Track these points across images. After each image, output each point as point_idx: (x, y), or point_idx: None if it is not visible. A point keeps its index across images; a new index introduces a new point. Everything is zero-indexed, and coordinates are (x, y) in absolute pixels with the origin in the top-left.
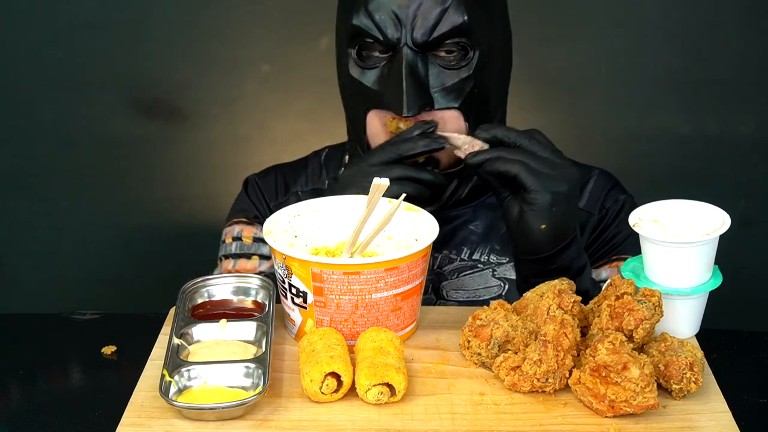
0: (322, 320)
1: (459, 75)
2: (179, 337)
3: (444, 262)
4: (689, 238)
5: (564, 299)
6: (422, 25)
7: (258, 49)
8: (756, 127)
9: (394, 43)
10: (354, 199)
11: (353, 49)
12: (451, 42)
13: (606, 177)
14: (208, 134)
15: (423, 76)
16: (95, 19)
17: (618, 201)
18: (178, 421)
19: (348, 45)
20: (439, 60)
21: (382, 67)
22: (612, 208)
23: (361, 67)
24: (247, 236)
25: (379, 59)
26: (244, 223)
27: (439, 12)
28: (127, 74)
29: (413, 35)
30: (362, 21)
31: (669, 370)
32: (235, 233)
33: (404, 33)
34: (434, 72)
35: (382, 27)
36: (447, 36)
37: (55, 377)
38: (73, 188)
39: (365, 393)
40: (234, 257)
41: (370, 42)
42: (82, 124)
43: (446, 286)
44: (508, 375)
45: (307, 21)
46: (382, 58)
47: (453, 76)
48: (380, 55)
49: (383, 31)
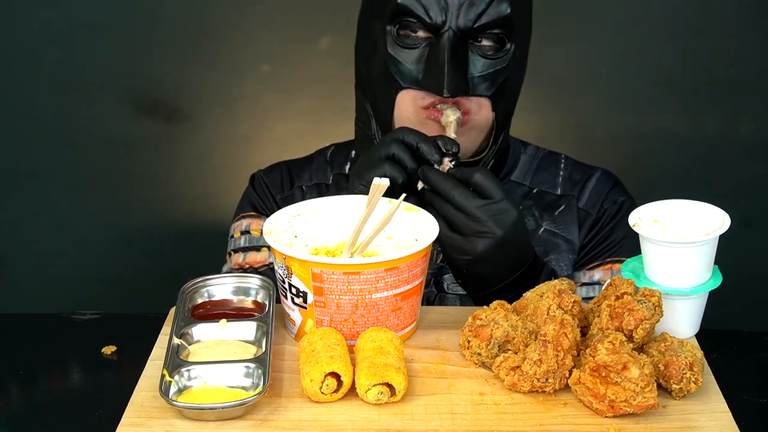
0: (322, 320)
1: (495, 65)
2: (179, 337)
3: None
4: (689, 238)
5: (564, 299)
6: (468, 11)
7: (258, 49)
8: (756, 127)
9: (439, 26)
10: (354, 199)
11: (393, 27)
12: (491, 32)
13: (607, 177)
14: (209, 134)
15: (463, 62)
16: (95, 19)
17: (616, 203)
18: (178, 421)
19: (388, 22)
20: (478, 48)
21: (423, 48)
22: (609, 210)
23: (401, 45)
24: (255, 229)
25: (420, 40)
26: (252, 216)
27: (487, 1)
28: (127, 74)
29: (458, 21)
30: (409, 1)
31: (669, 370)
32: (243, 227)
33: (450, 17)
34: (473, 59)
35: (429, 9)
36: (490, 26)
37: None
38: (73, 188)
39: (365, 393)
40: (243, 251)
41: (413, 22)
42: (82, 124)
43: (447, 279)
44: (508, 375)
45: (307, 21)
46: (423, 39)
47: (490, 65)
48: (421, 35)
49: (429, 13)
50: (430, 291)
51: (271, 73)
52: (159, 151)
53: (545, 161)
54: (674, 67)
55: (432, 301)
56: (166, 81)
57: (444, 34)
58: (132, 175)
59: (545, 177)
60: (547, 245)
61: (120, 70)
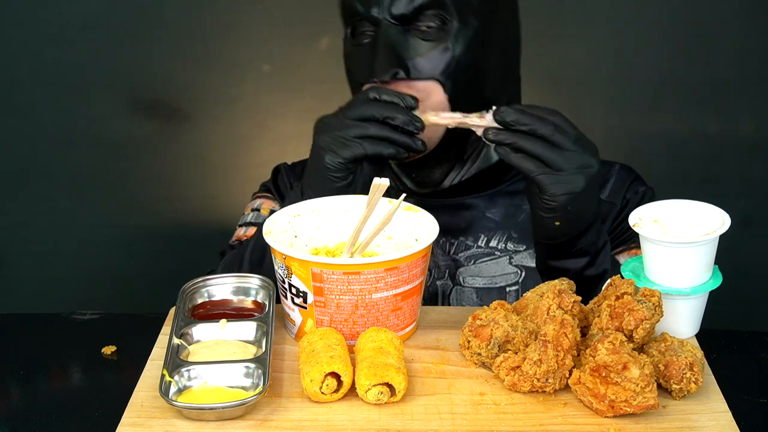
0: (322, 320)
1: (436, 46)
2: (179, 337)
3: (460, 248)
4: (689, 238)
5: (564, 299)
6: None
7: (258, 49)
8: (756, 127)
9: (375, 17)
10: (354, 199)
11: (348, 29)
12: (429, 13)
13: (627, 171)
14: (209, 134)
15: (401, 47)
16: (95, 19)
17: (638, 192)
18: (178, 421)
19: (345, 26)
20: (417, 33)
21: (369, 41)
22: (632, 199)
23: (353, 44)
24: (265, 209)
25: (367, 35)
26: (266, 197)
27: None
28: (127, 74)
29: (391, 9)
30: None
31: (669, 370)
32: (256, 205)
33: (383, 7)
34: (413, 43)
35: (364, 3)
36: (423, 8)
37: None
38: (73, 188)
39: (365, 393)
40: (247, 225)
41: (358, 19)
42: (82, 124)
43: (463, 272)
44: (508, 375)
45: (307, 21)
46: (369, 34)
47: (430, 47)
48: (368, 31)
49: (364, 6)
50: (445, 284)
51: (271, 73)
52: (159, 151)
53: None
54: (674, 67)
55: (448, 294)
56: (166, 81)
57: (382, 24)
58: (132, 175)
59: None
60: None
61: (120, 70)
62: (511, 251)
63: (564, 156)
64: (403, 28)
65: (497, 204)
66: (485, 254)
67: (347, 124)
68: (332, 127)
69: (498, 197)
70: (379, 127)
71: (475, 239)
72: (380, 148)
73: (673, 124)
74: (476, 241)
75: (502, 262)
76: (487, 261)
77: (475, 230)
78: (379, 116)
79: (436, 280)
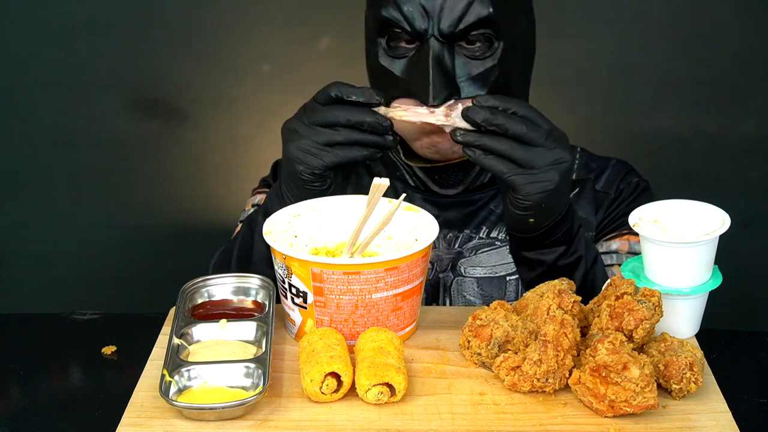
0: (322, 320)
1: (484, 65)
2: (179, 337)
3: (463, 241)
4: (689, 238)
5: (564, 299)
6: (449, 16)
7: (258, 49)
8: (756, 127)
9: (422, 33)
10: (354, 199)
11: (383, 39)
12: (476, 33)
13: (622, 164)
14: (209, 134)
15: (450, 67)
16: (95, 20)
17: (631, 183)
18: (178, 421)
19: (378, 35)
20: (465, 51)
21: (411, 57)
22: (626, 189)
23: (390, 56)
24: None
25: (407, 49)
26: (265, 193)
27: (466, 4)
28: (127, 74)
29: (440, 26)
30: (391, 13)
31: (669, 370)
32: (256, 200)
33: (431, 24)
34: (460, 62)
35: (410, 18)
36: (472, 27)
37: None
38: (73, 188)
39: (365, 393)
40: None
41: (399, 32)
42: (82, 124)
43: (464, 263)
44: (508, 375)
45: (307, 21)
46: (410, 48)
47: (479, 66)
48: (408, 45)
49: (411, 22)
50: (446, 275)
51: (271, 73)
52: (159, 151)
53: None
54: (674, 67)
55: (449, 285)
56: (166, 81)
57: (428, 41)
58: (132, 175)
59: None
60: None
61: (120, 70)
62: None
63: (536, 153)
64: (449, 46)
65: (498, 197)
66: (486, 245)
67: (315, 131)
68: (300, 135)
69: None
70: (349, 132)
71: (477, 230)
72: (352, 153)
73: (673, 124)
74: (478, 233)
75: (502, 252)
76: (487, 251)
77: (478, 223)
78: (346, 121)
79: (438, 273)
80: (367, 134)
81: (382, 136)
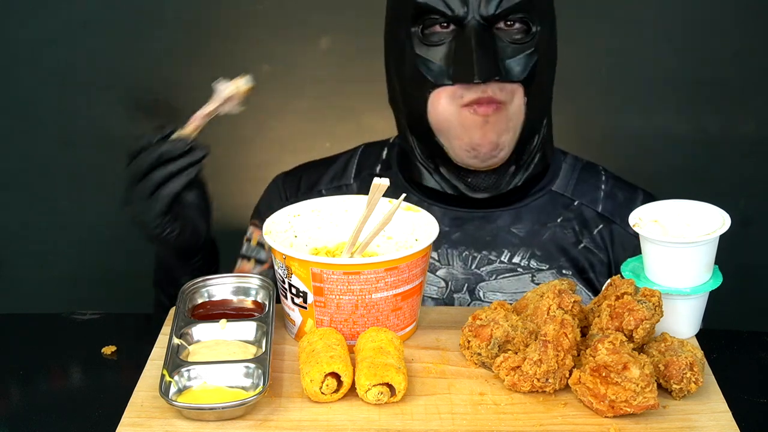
0: (322, 320)
1: (524, 50)
2: (179, 337)
3: (482, 263)
4: (689, 238)
5: (564, 299)
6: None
7: (258, 49)
8: (756, 127)
9: (462, 17)
10: (354, 199)
11: (418, 28)
12: (514, 17)
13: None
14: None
15: (492, 48)
16: (95, 19)
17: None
18: (178, 421)
19: (412, 24)
20: (504, 34)
21: (449, 43)
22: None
23: (427, 44)
24: (255, 239)
25: (445, 35)
26: (255, 225)
27: None
28: (127, 74)
29: (480, 9)
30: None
31: (669, 370)
32: (248, 233)
33: (471, 7)
34: (501, 46)
35: (449, 2)
36: (511, 10)
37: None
38: (73, 188)
39: (365, 393)
40: (240, 257)
41: (436, 18)
42: (82, 124)
43: (483, 288)
44: (508, 375)
45: (307, 21)
46: (447, 33)
47: (518, 50)
48: (444, 30)
49: (450, 5)
50: (462, 297)
51: (271, 73)
52: None
53: (586, 172)
54: (674, 67)
55: None
56: (166, 81)
57: (468, 24)
58: None
59: (586, 189)
60: (585, 263)
61: (120, 70)
62: (533, 269)
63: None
64: (489, 31)
65: (522, 220)
66: (508, 270)
67: (136, 188)
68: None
69: (524, 213)
70: (161, 169)
71: (498, 254)
72: (174, 185)
73: (673, 124)
74: (499, 256)
75: (524, 280)
76: (509, 277)
77: (499, 245)
78: (154, 161)
79: (452, 293)
80: (178, 160)
81: (190, 153)
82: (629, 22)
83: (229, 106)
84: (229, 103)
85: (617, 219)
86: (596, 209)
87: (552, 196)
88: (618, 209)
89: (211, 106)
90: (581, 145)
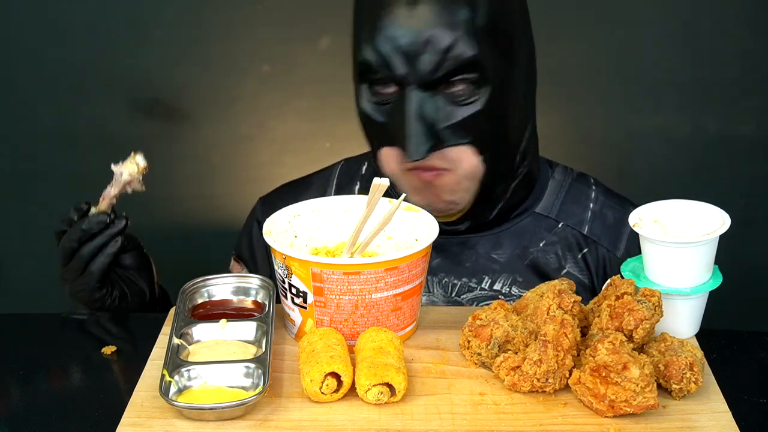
0: (322, 320)
1: (469, 110)
2: (179, 337)
3: (462, 290)
4: (689, 238)
5: (564, 299)
6: (430, 60)
7: (258, 49)
8: (756, 127)
9: (402, 78)
10: (354, 199)
11: (365, 85)
12: (460, 78)
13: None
14: (208, 134)
15: (431, 115)
16: (95, 20)
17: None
18: (178, 421)
19: (360, 80)
20: (449, 96)
21: (393, 104)
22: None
23: (374, 102)
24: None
25: (389, 95)
26: (234, 259)
27: (447, 46)
28: (127, 74)
29: (420, 71)
30: (370, 56)
31: (669, 370)
32: (230, 266)
33: (411, 69)
34: (443, 109)
35: (390, 62)
36: (456, 72)
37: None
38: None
39: (365, 393)
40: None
41: (380, 78)
42: (82, 124)
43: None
44: (508, 375)
45: (307, 21)
46: (393, 93)
47: (463, 111)
48: (390, 90)
49: (390, 66)
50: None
51: (271, 73)
52: (158, 151)
53: (574, 189)
54: (674, 67)
55: None
56: (166, 81)
57: (407, 89)
58: None
59: (573, 210)
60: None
61: (120, 71)
62: (515, 296)
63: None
64: (432, 91)
65: (504, 244)
66: (488, 297)
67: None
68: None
69: (504, 238)
70: (87, 245)
71: (478, 281)
72: (103, 258)
73: (673, 124)
74: (480, 283)
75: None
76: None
77: (479, 271)
78: (76, 240)
79: None
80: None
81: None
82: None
83: (131, 186)
84: (131, 185)
85: (604, 242)
86: (582, 231)
87: (535, 218)
88: (605, 231)
89: (115, 190)
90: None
